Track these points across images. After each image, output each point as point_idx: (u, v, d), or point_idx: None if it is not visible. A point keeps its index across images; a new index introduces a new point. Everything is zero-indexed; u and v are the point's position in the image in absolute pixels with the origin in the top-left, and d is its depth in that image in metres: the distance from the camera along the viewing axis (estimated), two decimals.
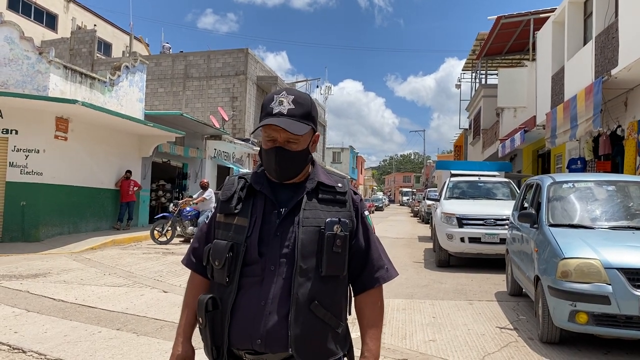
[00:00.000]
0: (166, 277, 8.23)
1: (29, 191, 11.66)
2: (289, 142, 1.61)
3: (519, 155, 20.70)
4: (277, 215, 1.62)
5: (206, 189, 13.62)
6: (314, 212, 1.62)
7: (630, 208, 5.75)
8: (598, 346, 4.81)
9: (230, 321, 1.57)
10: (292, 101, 1.61)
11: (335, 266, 1.59)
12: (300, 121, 1.61)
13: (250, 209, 1.64)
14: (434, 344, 4.93)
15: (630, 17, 9.46)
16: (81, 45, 26.10)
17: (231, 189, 1.70)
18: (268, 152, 1.64)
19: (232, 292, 1.58)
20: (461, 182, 12.03)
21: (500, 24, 19.72)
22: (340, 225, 1.60)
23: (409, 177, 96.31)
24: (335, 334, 1.63)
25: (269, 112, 1.61)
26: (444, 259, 10.00)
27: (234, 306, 1.57)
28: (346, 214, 1.65)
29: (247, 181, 1.71)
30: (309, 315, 1.55)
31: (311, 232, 1.58)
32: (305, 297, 1.55)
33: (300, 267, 1.56)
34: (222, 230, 1.67)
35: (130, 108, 15.03)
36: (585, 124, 10.47)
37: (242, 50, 24.32)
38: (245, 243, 1.59)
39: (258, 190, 1.67)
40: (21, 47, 11.81)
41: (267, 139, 1.64)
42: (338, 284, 1.64)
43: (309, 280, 1.56)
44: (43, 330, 5.09)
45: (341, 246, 1.59)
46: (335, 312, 1.62)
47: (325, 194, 1.66)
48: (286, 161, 1.62)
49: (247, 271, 1.59)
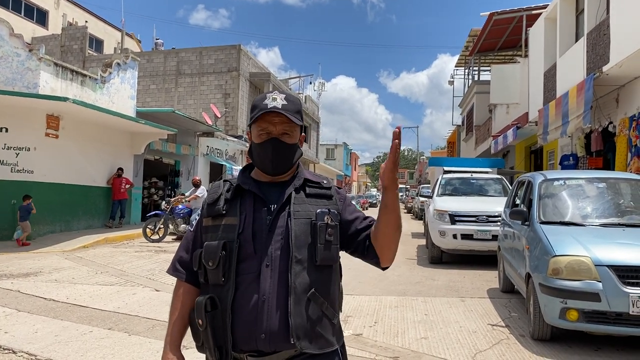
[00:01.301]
0: (158, 275, 8.20)
1: (20, 189, 11.58)
2: (284, 133, 1.67)
3: (512, 152, 20.77)
4: (268, 211, 1.65)
5: (198, 187, 13.57)
6: (303, 205, 1.66)
7: (620, 205, 5.79)
8: (589, 343, 4.83)
9: (232, 319, 1.58)
10: (284, 98, 1.67)
11: (328, 255, 1.63)
12: (294, 115, 1.67)
13: (239, 207, 1.67)
14: (425, 342, 4.94)
15: (622, 14, 9.50)
16: (72, 41, 25.89)
17: (217, 192, 1.73)
18: (263, 145, 1.67)
19: (229, 289, 1.59)
20: (454, 179, 12.05)
21: (492, 20, 19.76)
22: (330, 215, 1.65)
23: (402, 174, 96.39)
24: (332, 324, 1.66)
25: (263, 107, 1.65)
26: (436, 255, 10.03)
27: (234, 304, 1.58)
28: (334, 207, 1.71)
29: (232, 184, 1.74)
30: (307, 303, 1.58)
31: (303, 224, 1.63)
32: (303, 286, 1.58)
33: (296, 257, 1.59)
34: (211, 233, 1.67)
35: (122, 105, 14.95)
36: (576, 121, 10.52)
37: (235, 47, 24.21)
38: (237, 240, 1.61)
39: (246, 190, 1.69)
40: (11, 44, 11.71)
41: (261, 132, 1.68)
42: (332, 274, 1.68)
43: (304, 270, 1.60)
44: (34, 330, 5.06)
45: (333, 235, 1.64)
46: (330, 302, 1.65)
47: (312, 188, 1.72)
48: (282, 151, 1.67)
49: (243, 268, 1.60)
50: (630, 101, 10.34)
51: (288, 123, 1.67)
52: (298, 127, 1.71)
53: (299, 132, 1.73)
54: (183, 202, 13.43)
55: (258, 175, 1.75)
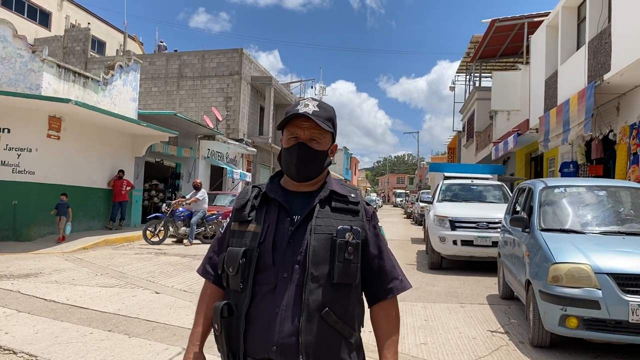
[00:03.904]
0: (158, 277, 8.21)
1: (21, 190, 11.60)
2: (311, 139, 1.65)
3: (512, 158, 20.80)
4: (291, 222, 1.64)
5: (199, 190, 13.58)
6: (326, 220, 1.63)
7: (620, 213, 5.80)
8: (588, 350, 4.84)
9: (246, 328, 1.57)
10: (317, 105, 1.66)
11: (347, 274, 1.59)
12: (325, 122, 1.65)
13: (264, 215, 1.66)
14: (425, 347, 4.94)
15: (623, 23, 9.54)
16: (75, 43, 25.96)
17: (245, 197, 1.71)
18: (289, 149, 1.66)
19: (246, 297, 1.58)
20: (454, 185, 12.06)
21: (494, 27, 19.82)
22: (352, 233, 1.60)
23: (402, 179, 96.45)
24: (348, 343, 1.61)
25: (294, 112, 1.65)
26: (436, 261, 10.03)
27: (248, 313, 1.58)
28: (358, 223, 1.65)
29: (260, 190, 1.72)
30: (320, 322, 1.55)
31: (323, 240, 1.59)
32: (316, 304, 1.55)
33: (312, 273, 1.56)
34: (236, 238, 1.67)
35: (124, 107, 14.99)
36: (577, 128, 10.55)
37: (237, 50, 24.28)
38: (257, 249, 1.61)
39: (272, 198, 1.68)
40: (14, 45, 11.75)
41: (290, 136, 1.67)
42: (350, 293, 1.63)
43: (320, 287, 1.56)
44: (34, 331, 5.07)
45: (353, 253, 1.59)
46: (347, 321, 1.61)
47: (338, 202, 1.67)
48: (307, 158, 1.64)
49: (260, 278, 1.59)
50: (631, 109, 10.37)
51: (317, 129, 1.64)
52: (328, 134, 1.68)
53: (330, 140, 1.70)
54: (183, 205, 13.45)
55: (286, 183, 1.74)
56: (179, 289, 7.39)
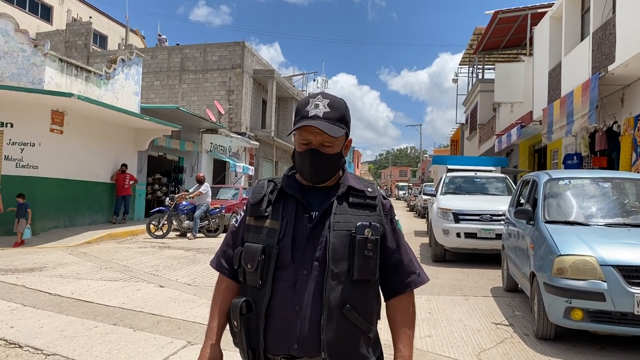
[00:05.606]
0: (162, 271, 8.22)
1: (25, 185, 11.60)
2: (323, 145, 1.61)
3: (516, 151, 20.74)
4: (309, 219, 1.62)
5: (202, 183, 13.59)
6: (344, 216, 1.61)
7: (625, 205, 5.78)
8: (593, 342, 4.84)
9: (266, 325, 1.57)
10: (327, 105, 1.62)
11: (366, 270, 1.59)
12: (336, 124, 1.61)
13: (281, 212, 1.64)
14: (430, 340, 4.95)
15: (628, 13, 9.46)
16: (76, 37, 25.90)
17: (261, 192, 1.70)
18: (302, 155, 1.64)
19: (265, 294, 1.57)
20: (457, 177, 12.03)
21: (497, 19, 19.71)
22: (371, 229, 1.60)
23: (405, 172, 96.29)
24: (367, 338, 1.63)
25: (304, 115, 1.61)
26: (440, 254, 10.03)
27: (269, 310, 1.57)
28: (376, 219, 1.65)
29: (276, 184, 1.70)
30: (341, 319, 1.55)
31: (342, 236, 1.58)
32: (337, 301, 1.54)
33: (332, 270, 1.55)
34: (253, 234, 1.66)
35: (126, 101, 14.97)
36: (581, 120, 10.50)
37: (239, 44, 24.20)
38: (277, 246, 1.59)
39: (289, 194, 1.66)
40: (16, 40, 11.73)
41: (302, 141, 1.63)
42: (370, 288, 1.64)
43: (340, 284, 1.56)
44: (39, 325, 5.09)
45: (372, 250, 1.59)
46: (367, 316, 1.62)
47: (356, 198, 1.66)
48: (320, 164, 1.62)
49: (280, 275, 1.58)
50: (635, 101, 10.31)
51: None
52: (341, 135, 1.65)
53: (343, 138, 1.67)
54: (187, 199, 13.47)
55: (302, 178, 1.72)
56: (183, 282, 7.41)
